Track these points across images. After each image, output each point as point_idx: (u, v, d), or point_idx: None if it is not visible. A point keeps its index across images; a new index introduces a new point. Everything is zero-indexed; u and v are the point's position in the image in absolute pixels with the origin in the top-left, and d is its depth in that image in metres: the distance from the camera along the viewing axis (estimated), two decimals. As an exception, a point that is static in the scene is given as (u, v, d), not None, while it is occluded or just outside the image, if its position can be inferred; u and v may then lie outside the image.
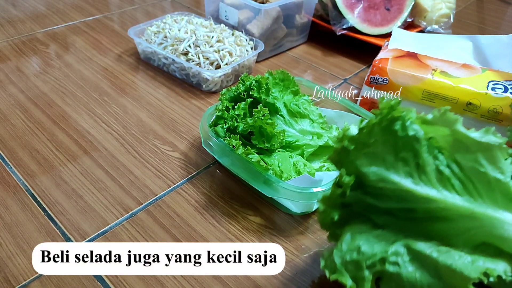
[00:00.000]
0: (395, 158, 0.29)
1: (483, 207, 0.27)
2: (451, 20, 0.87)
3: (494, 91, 0.53)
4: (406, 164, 0.29)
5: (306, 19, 0.82)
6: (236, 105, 0.48)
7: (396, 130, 0.29)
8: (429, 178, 0.28)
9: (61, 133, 0.55)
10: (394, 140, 0.29)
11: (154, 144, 0.55)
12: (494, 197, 0.27)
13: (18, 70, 0.68)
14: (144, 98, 0.64)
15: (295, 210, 0.46)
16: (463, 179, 0.28)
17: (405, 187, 0.29)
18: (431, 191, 0.28)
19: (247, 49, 0.71)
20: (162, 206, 0.46)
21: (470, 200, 0.28)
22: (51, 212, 0.44)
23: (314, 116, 0.53)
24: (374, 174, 0.30)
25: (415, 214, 0.30)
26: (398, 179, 0.29)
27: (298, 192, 0.41)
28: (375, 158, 0.30)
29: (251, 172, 0.44)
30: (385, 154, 0.29)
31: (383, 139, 0.29)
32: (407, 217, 0.30)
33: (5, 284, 0.37)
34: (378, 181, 0.30)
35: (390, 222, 0.31)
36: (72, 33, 0.81)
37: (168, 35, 0.69)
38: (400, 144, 0.29)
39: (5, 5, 0.90)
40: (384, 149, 0.29)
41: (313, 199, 0.42)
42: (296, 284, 0.39)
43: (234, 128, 0.47)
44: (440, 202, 0.28)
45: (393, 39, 0.70)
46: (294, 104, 0.52)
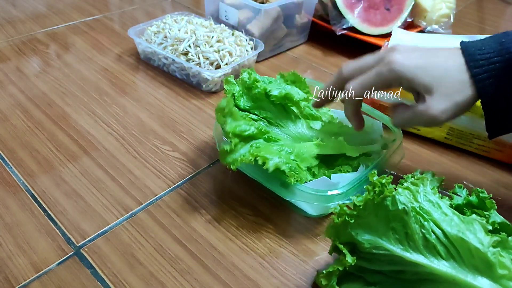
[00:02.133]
0: (386, 228, 0.33)
1: (464, 273, 0.31)
2: (451, 20, 0.87)
3: (494, 91, 0.53)
4: (396, 233, 0.33)
5: (306, 19, 0.82)
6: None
7: (387, 205, 0.33)
8: (417, 245, 0.32)
9: (61, 133, 0.55)
10: (385, 213, 0.33)
11: (154, 144, 0.55)
12: (474, 263, 0.31)
13: (18, 70, 0.68)
14: (144, 98, 0.64)
15: (312, 212, 0.46)
16: (447, 245, 0.32)
17: (396, 253, 0.33)
18: (418, 257, 0.32)
19: (247, 49, 0.71)
20: (162, 206, 0.46)
21: (453, 265, 0.31)
22: (51, 212, 0.44)
23: (326, 117, 0.53)
24: (368, 241, 0.34)
25: (404, 276, 0.34)
26: (390, 246, 0.33)
27: (316, 195, 0.41)
28: (369, 228, 0.34)
29: (268, 175, 0.43)
30: (377, 224, 0.34)
31: (376, 212, 0.34)
32: (397, 277, 0.34)
33: (5, 284, 0.37)
34: (371, 248, 0.34)
35: (381, 280, 0.35)
36: (72, 33, 0.81)
37: (168, 35, 0.69)
38: (390, 217, 0.33)
39: (5, 5, 0.90)
40: (377, 220, 0.34)
41: (330, 201, 0.42)
42: (296, 284, 0.39)
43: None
44: (426, 267, 0.32)
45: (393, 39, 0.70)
46: (305, 106, 0.52)
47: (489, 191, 0.34)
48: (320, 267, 0.41)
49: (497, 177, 0.54)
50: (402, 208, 0.33)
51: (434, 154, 0.57)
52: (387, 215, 0.33)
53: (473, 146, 0.57)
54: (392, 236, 0.33)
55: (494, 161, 0.57)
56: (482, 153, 0.57)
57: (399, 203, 0.33)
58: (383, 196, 0.33)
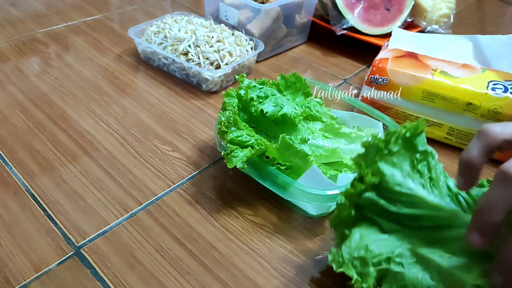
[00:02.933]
0: (412, 169, 0.33)
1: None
2: (451, 20, 0.87)
3: (494, 91, 0.53)
4: (421, 176, 0.33)
5: (306, 19, 0.82)
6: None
7: (417, 144, 0.33)
8: (440, 191, 0.32)
9: (61, 133, 0.55)
10: (414, 153, 0.33)
11: (154, 144, 0.55)
12: None
13: (18, 70, 0.68)
14: (144, 98, 0.64)
15: (312, 212, 0.46)
16: (468, 200, 0.32)
17: (418, 193, 0.32)
18: (440, 201, 0.32)
19: (247, 49, 0.71)
20: (162, 206, 0.46)
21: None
22: (51, 212, 0.44)
23: (326, 118, 0.53)
24: (393, 177, 0.33)
25: (422, 223, 0.33)
26: (413, 186, 0.33)
27: (316, 195, 0.41)
28: (395, 165, 0.33)
29: (268, 175, 0.43)
30: (404, 163, 0.33)
31: (405, 151, 0.33)
32: (414, 225, 0.34)
33: (5, 284, 0.37)
34: (395, 184, 0.33)
35: (396, 230, 0.35)
36: (72, 33, 0.81)
37: (168, 35, 0.69)
38: (418, 158, 0.33)
39: (5, 5, 0.90)
40: (404, 159, 0.34)
41: (331, 201, 0.42)
42: (296, 284, 0.39)
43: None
44: (447, 211, 0.32)
45: (393, 39, 0.70)
46: (305, 107, 0.52)
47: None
48: (321, 267, 0.41)
49: (497, 177, 0.54)
50: (430, 150, 0.33)
51: (434, 154, 0.57)
52: (415, 155, 0.33)
53: (473, 146, 0.57)
54: (417, 178, 0.33)
55: (494, 161, 0.57)
56: (482, 153, 0.57)
57: (428, 146, 0.33)
58: (415, 133, 0.33)
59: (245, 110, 0.49)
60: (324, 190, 0.41)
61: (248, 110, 0.48)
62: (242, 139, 0.44)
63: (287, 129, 0.49)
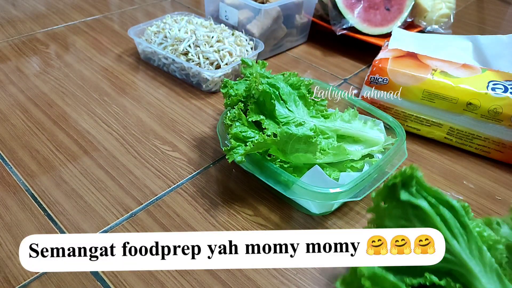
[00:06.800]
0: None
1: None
2: (451, 20, 0.87)
3: (494, 91, 0.53)
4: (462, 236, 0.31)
5: (306, 19, 0.82)
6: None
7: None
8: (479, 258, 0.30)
9: (61, 133, 0.55)
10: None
11: (154, 144, 0.55)
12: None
13: (18, 70, 0.68)
14: (144, 98, 0.64)
15: (314, 211, 0.46)
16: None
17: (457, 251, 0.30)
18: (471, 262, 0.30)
19: (247, 49, 0.71)
20: (162, 206, 0.46)
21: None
22: (51, 212, 0.44)
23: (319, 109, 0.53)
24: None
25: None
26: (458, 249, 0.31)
27: (318, 193, 0.41)
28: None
29: (270, 173, 0.43)
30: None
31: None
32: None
33: (5, 284, 0.37)
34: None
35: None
36: (72, 33, 0.81)
37: (168, 35, 0.69)
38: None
39: (5, 5, 0.90)
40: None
41: (334, 199, 0.42)
42: (296, 284, 0.39)
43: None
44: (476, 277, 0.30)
45: (393, 39, 0.70)
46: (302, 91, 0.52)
47: (489, 191, 0.33)
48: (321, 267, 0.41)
49: (497, 177, 0.54)
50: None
51: (434, 154, 0.57)
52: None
53: (473, 146, 0.57)
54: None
55: (494, 161, 0.57)
56: (482, 153, 0.57)
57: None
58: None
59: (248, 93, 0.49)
60: (327, 188, 0.41)
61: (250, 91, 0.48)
62: (246, 135, 0.44)
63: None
